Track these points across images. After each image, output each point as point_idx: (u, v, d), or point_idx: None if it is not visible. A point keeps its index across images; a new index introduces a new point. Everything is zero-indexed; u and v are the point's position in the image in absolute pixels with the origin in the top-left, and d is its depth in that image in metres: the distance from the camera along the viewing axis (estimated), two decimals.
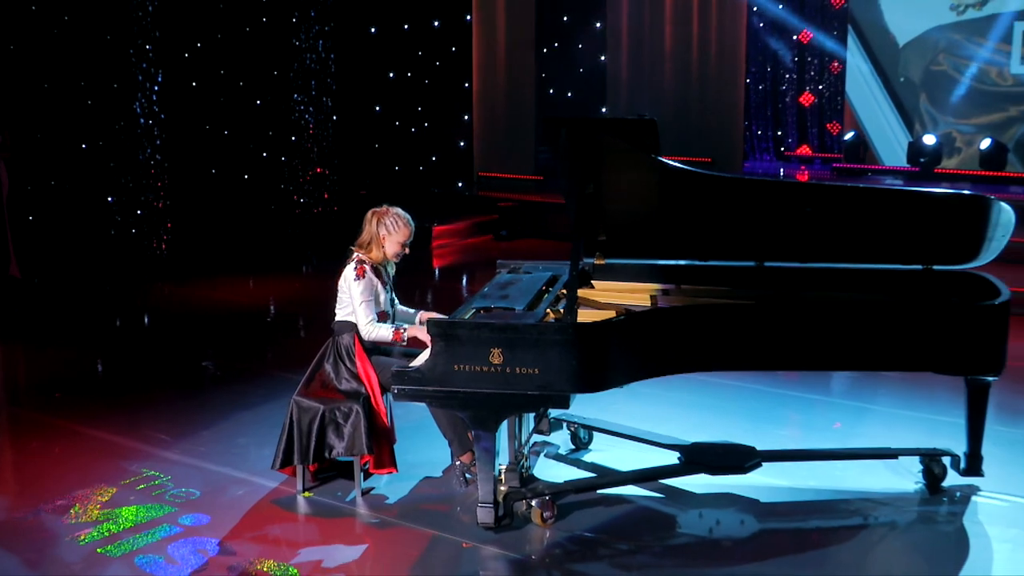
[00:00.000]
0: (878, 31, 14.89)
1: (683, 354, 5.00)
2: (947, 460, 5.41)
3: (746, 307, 5.16)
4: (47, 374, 7.65)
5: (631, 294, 5.79)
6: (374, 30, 15.09)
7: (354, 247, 5.46)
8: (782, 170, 15.47)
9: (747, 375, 7.11)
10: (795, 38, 16.51)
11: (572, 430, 6.00)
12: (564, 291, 5.45)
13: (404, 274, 5.75)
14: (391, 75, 15.38)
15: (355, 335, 5.36)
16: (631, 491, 5.36)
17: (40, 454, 6.01)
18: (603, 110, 15.79)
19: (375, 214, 5.45)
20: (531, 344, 4.64)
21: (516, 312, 4.99)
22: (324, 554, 4.76)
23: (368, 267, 5.38)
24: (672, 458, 5.44)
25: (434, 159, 15.88)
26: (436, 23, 15.49)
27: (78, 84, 11.20)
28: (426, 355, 4.85)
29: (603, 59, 15.90)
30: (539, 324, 4.75)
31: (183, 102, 12.44)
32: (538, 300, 5.32)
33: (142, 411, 6.69)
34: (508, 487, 5.07)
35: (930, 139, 14.16)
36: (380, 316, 5.41)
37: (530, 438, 5.73)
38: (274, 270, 11.65)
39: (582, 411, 5.90)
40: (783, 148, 16.83)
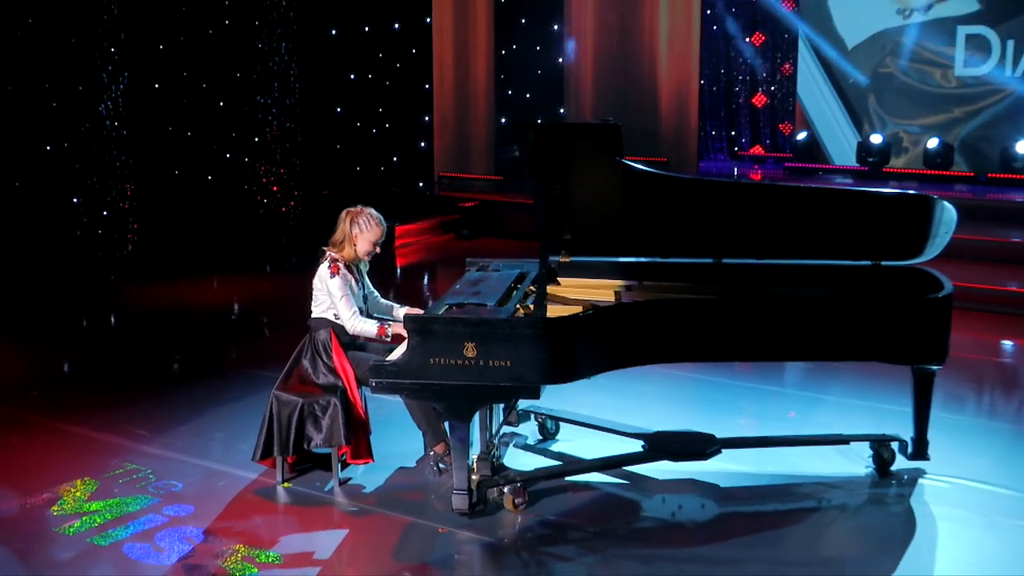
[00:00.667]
0: (828, 34, 15.25)
1: (646, 347, 5.24)
2: (895, 445, 5.69)
3: (705, 302, 5.42)
4: (21, 373, 7.71)
5: (596, 290, 6.02)
6: (335, 32, 15.20)
7: (327, 246, 5.64)
8: (736, 170, 15.65)
9: (706, 367, 7.35)
10: (748, 40, 16.82)
11: (540, 421, 6.21)
12: (533, 287, 5.67)
13: (368, 273, 5.94)
14: (352, 77, 15.49)
15: (331, 331, 5.54)
16: (598, 478, 5.59)
17: (22, 450, 6.13)
18: (561, 111, 16.02)
19: (349, 213, 5.63)
20: (503, 338, 4.85)
21: (488, 308, 5.19)
22: (305, 541, 4.95)
23: (341, 264, 5.57)
24: (636, 446, 5.67)
25: (395, 160, 16.03)
26: (397, 25, 15.66)
27: (43, 86, 11.22)
28: (402, 349, 5.04)
29: (560, 61, 16.13)
30: (511, 319, 4.97)
31: (147, 104, 12.49)
32: (508, 296, 5.53)
33: (118, 408, 6.81)
34: (481, 475, 5.28)
35: (878, 139, 14.53)
36: None
37: (500, 429, 5.92)
38: (239, 270, 11.75)
39: (549, 403, 6.08)
40: (737, 148, 17.10)
